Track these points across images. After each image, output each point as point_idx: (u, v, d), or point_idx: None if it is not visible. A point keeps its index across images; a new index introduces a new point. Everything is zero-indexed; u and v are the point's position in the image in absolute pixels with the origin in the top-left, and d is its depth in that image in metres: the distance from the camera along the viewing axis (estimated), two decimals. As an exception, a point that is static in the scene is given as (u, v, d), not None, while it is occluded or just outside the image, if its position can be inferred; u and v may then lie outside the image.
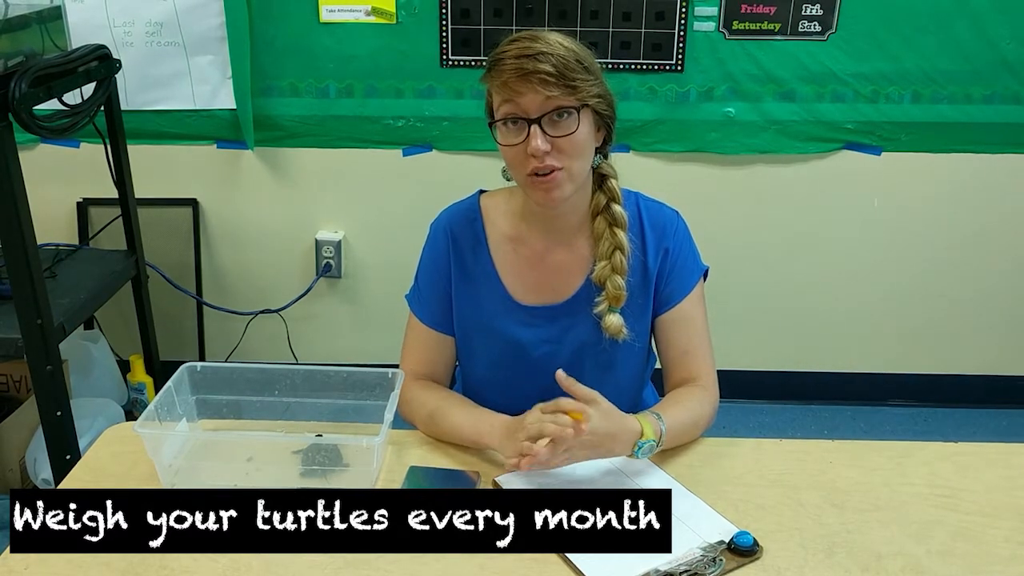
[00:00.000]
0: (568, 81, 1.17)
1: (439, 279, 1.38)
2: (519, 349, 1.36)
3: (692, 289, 1.36)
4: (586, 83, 1.20)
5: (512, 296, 1.35)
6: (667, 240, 1.35)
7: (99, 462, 1.25)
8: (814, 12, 2.36)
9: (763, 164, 2.55)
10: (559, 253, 1.34)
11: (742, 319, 2.70)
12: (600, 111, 1.24)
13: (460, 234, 1.37)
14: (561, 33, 1.23)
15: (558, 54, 1.17)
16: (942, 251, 2.64)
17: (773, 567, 1.06)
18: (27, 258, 1.78)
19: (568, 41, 1.22)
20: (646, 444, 1.17)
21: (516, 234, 1.35)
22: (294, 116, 2.49)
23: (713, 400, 1.35)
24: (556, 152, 1.20)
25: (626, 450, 1.18)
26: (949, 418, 2.76)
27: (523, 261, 1.35)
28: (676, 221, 1.37)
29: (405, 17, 2.39)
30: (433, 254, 1.39)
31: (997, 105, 2.45)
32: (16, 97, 1.68)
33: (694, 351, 1.36)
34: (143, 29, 2.38)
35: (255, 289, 2.70)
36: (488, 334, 1.37)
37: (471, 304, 1.37)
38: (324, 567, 1.05)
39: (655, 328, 1.38)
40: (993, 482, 1.22)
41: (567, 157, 1.21)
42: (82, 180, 2.56)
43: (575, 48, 1.21)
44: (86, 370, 2.52)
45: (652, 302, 1.36)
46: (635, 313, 1.34)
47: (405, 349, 1.42)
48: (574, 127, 1.20)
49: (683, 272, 1.35)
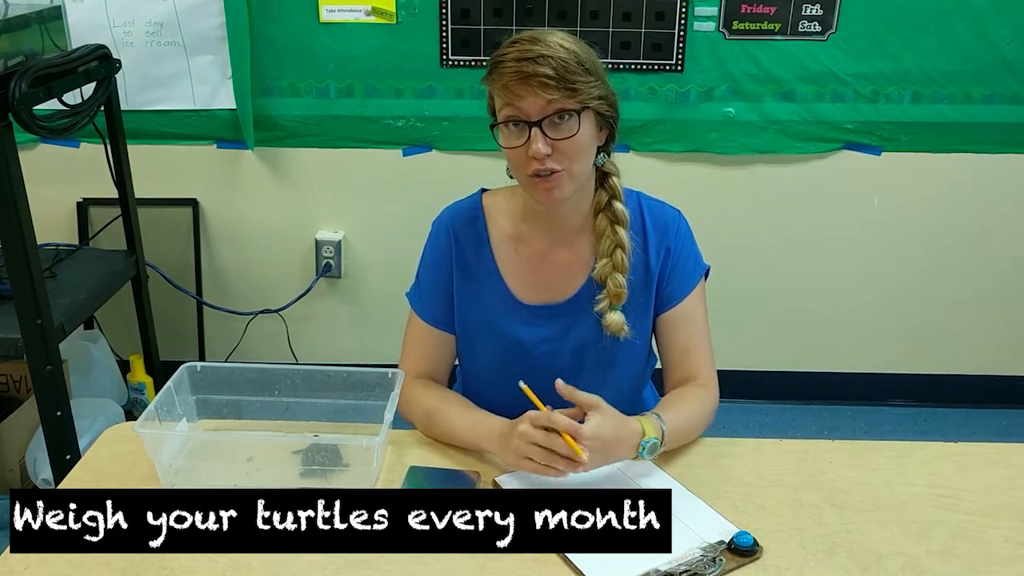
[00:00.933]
0: (568, 84, 1.17)
1: (440, 277, 1.38)
2: (520, 348, 1.36)
3: (693, 288, 1.36)
4: (587, 85, 1.19)
5: (514, 295, 1.35)
6: (669, 239, 1.35)
7: (99, 462, 1.25)
8: (814, 12, 2.36)
9: (763, 164, 2.55)
10: (561, 252, 1.34)
11: (742, 319, 2.70)
12: (602, 112, 1.24)
13: (462, 232, 1.37)
14: (564, 32, 1.23)
15: (558, 56, 1.17)
16: (942, 251, 2.64)
17: (773, 567, 1.06)
18: (27, 258, 1.78)
19: (570, 41, 1.21)
20: (649, 443, 1.17)
21: (518, 233, 1.35)
22: (294, 116, 2.49)
23: (713, 399, 1.35)
24: (557, 154, 1.20)
25: (631, 453, 1.17)
26: (949, 418, 2.76)
27: (525, 260, 1.35)
28: (678, 220, 1.37)
29: (405, 17, 2.39)
30: (435, 252, 1.39)
31: (997, 105, 2.45)
32: (16, 97, 1.68)
33: (694, 350, 1.36)
34: (143, 29, 2.38)
35: (255, 289, 2.70)
36: (489, 333, 1.37)
37: (472, 303, 1.37)
38: (324, 567, 1.05)
39: (656, 327, 1.38)
40: (993, 482, 1.22)
41: (568, 159, 1.21)
42: (82, 180, 2.56)
43: (576, 49, 1.20)
44: (86, 370, 2.52)
45: (654, 301, 1.36)
46: (636, 312, 1.34)
47: (405, 347, 1.42)
48: (575, 129, 1.20)
49: (684, 271, 1.35)
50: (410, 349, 1.41)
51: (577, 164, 1.22)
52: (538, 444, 1.11)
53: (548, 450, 1.11)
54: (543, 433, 1.12)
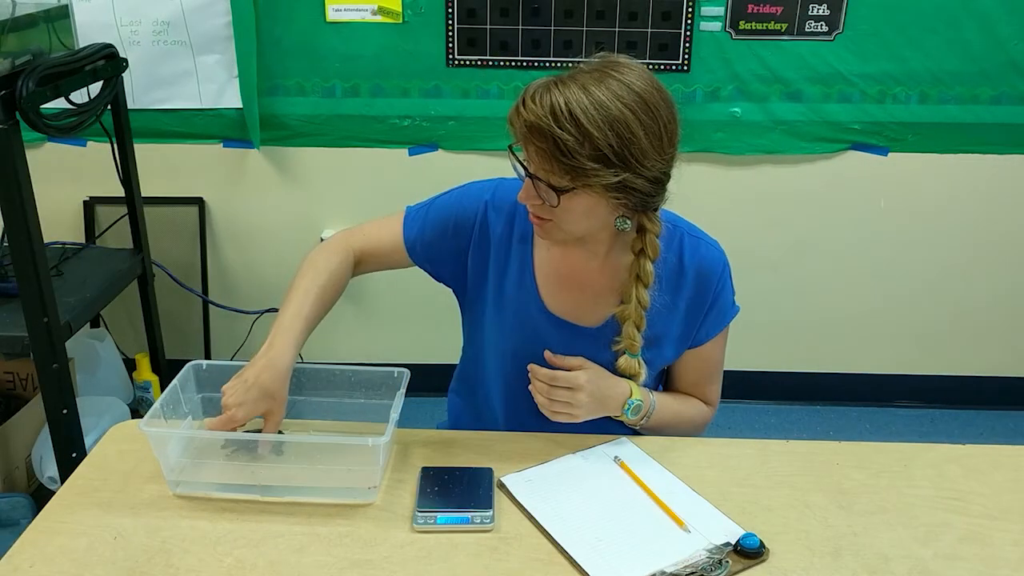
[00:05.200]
0: (562, 164, 1.08)
1: (449, 237, 1.31)
2: (533, 348, 1.30)
3: (721, 330, 1.34)
4: (590, 171, 1.07)
5: (541, 298, 1.31)
6: (710, 291, 1.30)
7: (105, 460, 1.25)
8: (821, 12, 2.35)
9: (769, 164, 2.54)
10: (593, 264, 1.29)
11: (748, 319, 2.66)
12: (614, 197, 1.12)
13: (500, 220, 1.30)
14: (603, 88, 1.06)
15: (561, 135, 1.05)
16: (949, 251, 2.63)
17: (779, 569, 1.05)
18: (34, 256, 1.79)
19: (595, 111, 1.05)
20: (634, 403, 1.25)
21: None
22: (300, 115, 2.50)
23: (708, 413, 1.38)
24: (546, 208, 1.15)
25: (617, 409, 1.26)
26: (956, 420, 2.75)
27: (556, 264, 1.30)
28: (722, 269, 1.30)
29: (411, 17, 2.39)
30: (462, 213, 1.31)
31: (1004, 106, 2.44)
32: (23, 96, 1.68)
33: (704, 383, 1.38)
34: (150, 28, 2.38)
35: (261, 288, 2.70)
36: (507, 328, 1.33)
37: (497, 289, 1.32)
38: (329, 567, 1.04)
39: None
40: (1001, 484, 1.22)
41: (557, 217, 1.15)
42: (89, 179, 2.56)
43: (594, 128, 1.05)
44: (92, 368, 2.52)
45: (689, 340, 1.33)
46: (661, 350, 1.31)
47: (366, 226, 1.36)
48: (555, 202, 1.12)
49: (718, 316, 1.33)
50: (369, 231, 1.35)
51: (567, 224, 1.17)
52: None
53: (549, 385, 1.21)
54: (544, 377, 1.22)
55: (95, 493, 1.17)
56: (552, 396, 1.22)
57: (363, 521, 1.13)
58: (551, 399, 1.23)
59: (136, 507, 1.14)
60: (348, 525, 1.12)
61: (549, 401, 1.23)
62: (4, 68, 1.69)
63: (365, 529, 1.11)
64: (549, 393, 1.22)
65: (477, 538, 1.09)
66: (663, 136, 1.11)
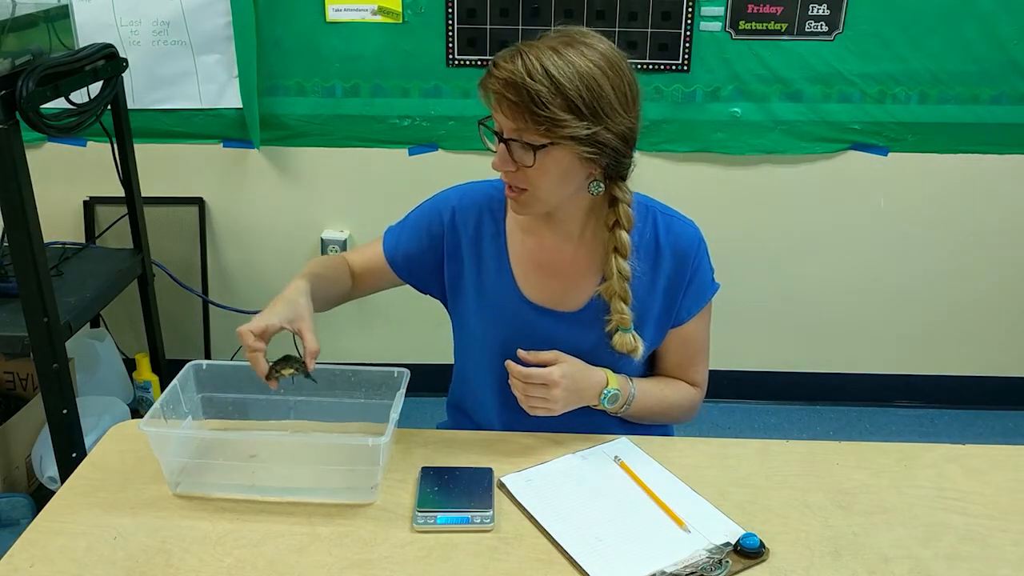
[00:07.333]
0: (536, 116, 1.12)
1: (424, 248, 1.37)
2: (517, 343, 1.31)
3: (701, 309, 1.35)
4: (562, 123, 1.12)
5: (520, 290, 1.33)
6: (688, 267, 1.31)
7: (105, 460, 1.25)
8: (821, 12, 2.35)
9: (769, 164, 2.54)
10: (567, 251, 1.32)
11: (748, 319, 2.70)
12: (586, 153, 1.16)
13: (479, 220, 1.34)
14: (571, 50, 1.14)
15: (535, 88, 1.10)
16: (948, 252, 2.64)
17: (779, 569, 1.05)
18: (34, 256, 1.79)
19: (565, 66, 1.12)
20: (610, 392, 1.27)
21: (526, 224, 1.33)
22: (300, 115, 2.50)
23: (695, 395, 1.39)
24: (521, 175, 1.18)
25: (595, 399, 1.27)
26: (956, 420, 2.75)
27: (532, 254, 1.33)
28: (697, 244, 1.32)
29: (411, 17, 2.39)
30: (429, 225, 1.37)
31: (1004, 106, 2.44)
32: (23, 96, 1.68)
33: (688, 364, 1.38)
34: (150, 28, 2.38)
35: (261, 288, 2.70)
36: (490, 322, 1.35)
37: (477, 288, 1.35)
38: (329, 567, 1.05)
39: None
40: (1001, 484, 1.22)
41: (532, 184, 1.19)
42: (89, 179, 2.56)
43: (565, 79, 1.11)
44: (92, 368, 2.52)
45: (671, 319, 1.34)
46: (649, 331, 1.33)
47: (353, 250, 1.45)
48: (530, 162, 1.15)
49: (697, 293, 1.34)
50: (358, 253, 1.43)
51: (543, 191, 1.20)
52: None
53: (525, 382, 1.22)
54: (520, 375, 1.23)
55: (95, 493, 1.17)
56: (528, 392, 1.24)
57: (363, 521, 1.13)
58: (527, 395, 1.24)
59: (136, 507, 1.14)
60: (348, 525, 1.12)
61: (526, 397, 1.25)
62: (4, 68, 1.69)
63: (365, 529, 1.11)
64: (525, 390, 1.24)
65: (477, 538, 1.09)
66: (628, 94, 1.17)
